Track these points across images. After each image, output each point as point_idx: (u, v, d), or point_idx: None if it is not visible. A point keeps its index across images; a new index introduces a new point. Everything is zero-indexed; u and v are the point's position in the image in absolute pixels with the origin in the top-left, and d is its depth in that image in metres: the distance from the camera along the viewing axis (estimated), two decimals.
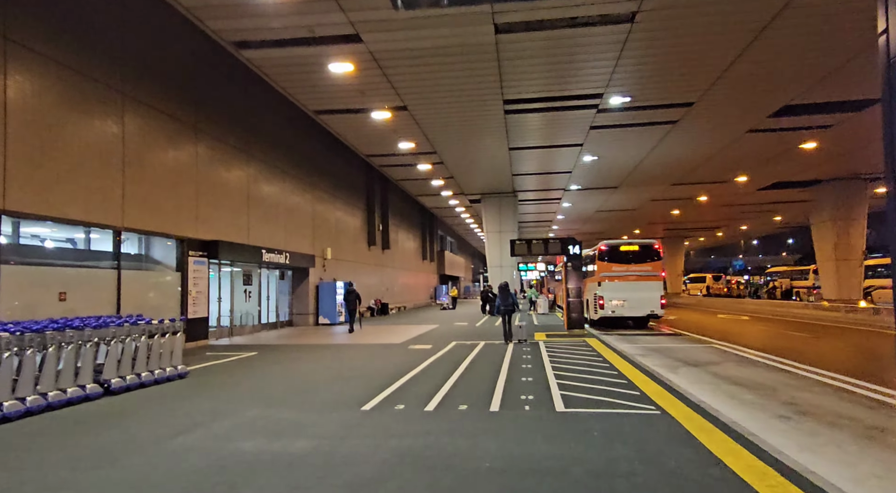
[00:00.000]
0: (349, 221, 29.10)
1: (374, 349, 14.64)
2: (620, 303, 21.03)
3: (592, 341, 15.91)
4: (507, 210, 37.26)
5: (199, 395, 8.37)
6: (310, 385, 9.21)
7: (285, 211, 21.71)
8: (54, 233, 12.77)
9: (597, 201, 42.02)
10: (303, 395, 8.33)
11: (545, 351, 13.47)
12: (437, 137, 22.30)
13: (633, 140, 23.52)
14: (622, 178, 32.03)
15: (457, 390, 8.54)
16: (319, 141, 24.63)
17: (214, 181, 16.94)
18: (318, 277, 24.81)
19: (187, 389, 8.90)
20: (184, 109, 15.55)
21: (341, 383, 9.41)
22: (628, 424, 6.27)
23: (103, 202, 12.50)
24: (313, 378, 9.94)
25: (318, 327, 23.63)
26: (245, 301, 20.76)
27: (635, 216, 51.11)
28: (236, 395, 8.39)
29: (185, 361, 12.50)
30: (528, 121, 20.64)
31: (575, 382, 9.03)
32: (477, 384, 8.99)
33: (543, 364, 11.20)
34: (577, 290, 17.88)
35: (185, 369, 9.96)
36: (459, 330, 20.47)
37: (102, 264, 12.90)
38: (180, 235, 15.30)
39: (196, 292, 15.93)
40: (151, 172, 14.13)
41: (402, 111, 18.94)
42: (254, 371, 10.86)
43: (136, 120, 13.61)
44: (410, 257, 43.41)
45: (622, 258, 21.48)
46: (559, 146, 24.28)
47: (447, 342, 16.01)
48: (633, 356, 12.62)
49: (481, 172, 29.49)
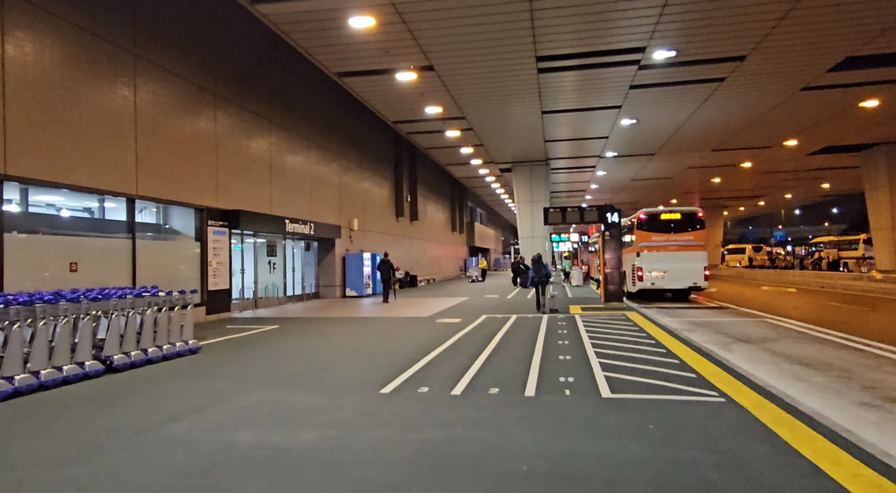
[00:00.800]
0: (377, 192, 28.32)
1: (400, 323, 13.93)
2: (660, 274, 19.90)
3: (632, 314, 14.90)
4: (538, 179, 35.93)
5: (207, 373, 7.74)
6: (328, 363, 8.50)
7: (310, 181, 20.99)
8: (68, 202, 12.27)
9: (632, 169, 40.27)
10: (319, 374, 7.62)
11: (582, 325, 12.54)
12: (465, 100, 21.12)
13: (675, 101, 21.93)
14: (660, 143, 30.33)
15: (487, 369, 7.71)
16: (345, 109, 23.71)
17: (235, 149, 16.24)
18: (345, 248, 24.19)
19: (197, 366, 8.29)
20: (200, 73, 14.78)
21: (362, 360, 8.68)
22: (690, 414, 5.34)
23: (115, 169, 11.90)
24: (332, 355, 9.24)
25: (345, 299, 23.10)
26: (269, 273, 20.28)
27: (671, 185, 49.07)
28: (247, 373, 7.73)
29: (203, 334, 12.02)
30: (563, 81, 19.29)
31: (619, 361, 8.10)
32: (510, 363, 8.15)
33: (582, 340, 10.29)
34: (616, 260, 16.80)
35: (196, 345, 9.37)
36: (490, 303, 19.63)
37: (116, 234, 12.38)
38: (199, 204, 14.71)
39: (217, 263, 15.40)
40: (167, 139, 13.47)
41: (428, 72, 17.82)
42: (271, 346, 10.23)
43: (149, 83, 12.90)
44: (439, 229, 42.58)
45: (663, 227, 20.26)
46: (595, 109, 22.83)
47: (477, 316, 15.20)
48: (678, 331, 11.61)
49: (512, 138, 28.19)
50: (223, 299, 15.75)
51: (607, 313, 15.17)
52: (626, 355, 8.57)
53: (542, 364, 8.00)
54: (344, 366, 8.19)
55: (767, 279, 35.33)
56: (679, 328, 12.41)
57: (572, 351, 9.09)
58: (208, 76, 15.12)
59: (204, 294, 14.89)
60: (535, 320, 13.84)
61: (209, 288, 15.04)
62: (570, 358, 8.44)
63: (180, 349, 8.93)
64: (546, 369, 7.67)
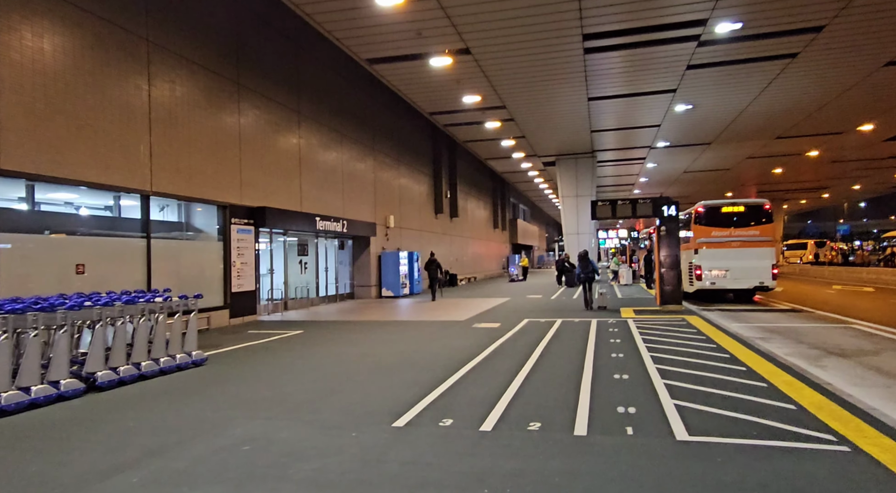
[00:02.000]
0: (414, 188, 27.22)
1: (433, 328, 12.72)
2: (722, 273, 18.08)
3: (693, 318, 13.26)
4: (584, 172, 34.18)
5: (199, 394, 6.70)
6: (342, 380, 7.35)
7: (343, 176, 20.03)
8: (83, 199, 11.57)
9: (685, 161, 37.93)
10: (327, 396, 6.47)
11: (637, 333, 11.03)
12: (505, 87, 19.74)
13: (738, 82, 19.95)
14: (718, 131, 28.13)
15: (527, 392, 6.39)
16: (380, 101, 22.67)
17: (261, 143, 15.37)
18: (381, 246, 23.19)
19: (192, 384, 7.27)
20: (222, 62, 13.93)
21: (382, 376, 7.49)
22: (808, 474, 3.89)
23: (126, 163, 11.10)
24: (351, 369, 8.10)
25: (381, 300, 22.09)
26: (301, 273, 19.43)
27: (727, 177, 46.23)
28: (245, 394, 6.65)
29: (220, 340, 11.11)
30: (612, 62, 17.68)
31: (689, 382, 6.65)
32: (554, 384, 6.80)
33: (639, 352, 8.83)
34: (673, 259, 15.13)
35: (201, 356, 8.38)
36: (532, 304, 18.22)
37: (129, 233, 11.60)
38: (222, 201, 13.87)
39: (241, 264, 14.55)
40: (185, 131, 12.64)
41: (464, 55, 16.55)
42: (286, 357, 9.18)
43: (163, 72, 12.08)
44: (480, 226, 41.24)
45: (724, 221, 18.40)
46: (647, 94, 21.07)
47: (518, 320, 13.85)
48: (752, 341, 9.99)
49: (556, 129, 26.61)
50: (248, 301, 14.90)
51: (664, 318, 13.57)
52: (696, 375, 7.09)
53: (594, 386, 6.62)
54: (359, 385, 7.02)
55: (837, 277, 32.52)
56: (752, 337, 10.76)
57: (629, 367, 7.66)
58: (230, 65, 14.26)
59: (227, 296, 14.06)
60: (582, 325, 12.39)
61: (233, 290, 14.20)
62: (628, 378, 7.03)
63: (181, 362, 7.95)
64: (599, 393, 6.30)
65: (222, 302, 13.94)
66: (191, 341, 8.21)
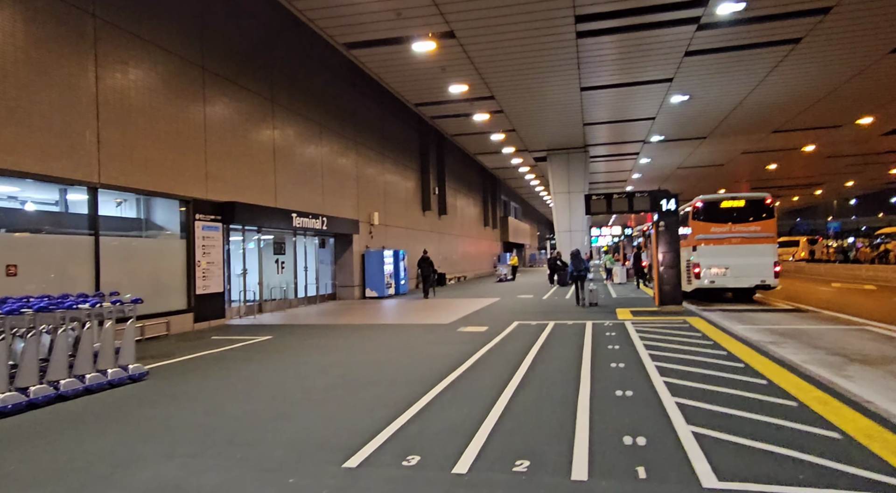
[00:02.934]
0: (400, 184, 26.12)
1: (415, 333, 11.66)
2: (721, 271, 17.19)
3: (695, 320, 12.29)
4: (576, 168, 33.23)
5: (120, 419, 5.61)
6: (297, 399, 6.29)
7: (323, 171, 18.91)
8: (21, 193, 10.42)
9: (679, 156, 37.08)
10: (273, 423, 5.39)
11: (637, 337, 10.03)
12: (493, 75, 18.70)
13: (738, 70, 19.02)
14: (714, 125, 27.25)
15: (513, 417, 5.36)
16: (362, 92, 21.55)
17: (229, 133, 14.23)
18: (364, 245, 22.08)
19: (118, 405, 6.18)
20: (183, 43, 12.77)
21: (345, 395, 6.43)
22: None
23: (69, 152, 9.95)
24: (311, 384, 7.03)
25: (365, 300, 21.00)
26: (278, 273, 18.30)
27: (721, 173, 45.51)
28: (173, 420, 5.57)
29: (175, 348, 10.00)
30: (606, 47, 16.68)
31: (705, 400, 5.63)
32: (546, 405, 5.76)
33: (641, 361, 7.82)
34: (673, 256, 14.16)
35: (140, 370, 7.27)
36: (523, 305, 17.20)
37: (72, 230, 10.45)
38: (184, 195, 12.72)
39: (207, 263, 13.41)
40: (140, 118, 11.49)
41: (449, 40, 15.48)
42: (241, 370, 8.09)
43: (114, 51, 10.91)
44: (470, 224, 40.21)
45: (723, 217, 17.48)
46: (643, 83, 20.10)
47: (507, 322, 12.82)
48: (763, 346, 9.03)
49: (547, 121, 25.61)
50: (216, 303, 13.77)
51: (664, 319, 12.60)
52: (711, 391, 6.08)
53: (594, 407, 5.59)
54: (317, 406, 5.95)
55: (834, 275, 31.79)
56: (762, 341, 9.80)
57: (632, 381, 6.64)
58: (194, 48, 13.12)
59: (191, 299, 12.92)
60: (576, 329, 11.38)
61: (197, 292, 13.06)
62: (632, 395, 6.00)
63: (114, 378, 6.84)
64: (600, 416, 5.27)
65: (185, 305, 12.80)
66: (127, 352, 7.10)
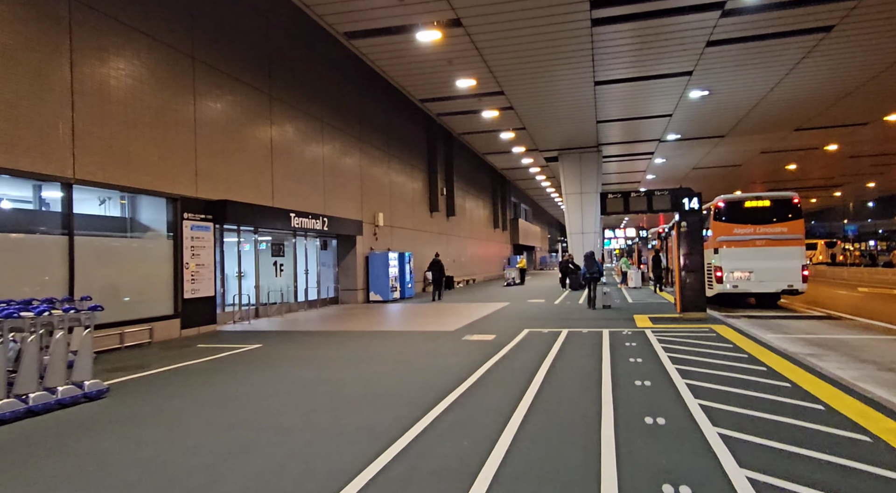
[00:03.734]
0: (407, 184, 25.24)
1: (416, 341, 10.73)
2: (745, 275, 16.17)
3: (721, 328, 11.27)
4: (589, 168, 32.21)
5: (44, 454, 4.71)
6: (268, 426, 5.38)
7: (324, 169, 18.06)
8: None
9: (696, 156, 35.94)
10: (230, 460, 4.48)
11: (661, 349, 9.04)
12: (502, 67, 17.77)
13: (762, 62, 17.95)
14: (734, 122, 26.13)
15: (523, 453, 4.41)
16: (368, 88, 20.70)
17: (222, 128, 13.41)
18: (369, 246, 21.21)
19: (55, 432, 5.29)
20: (171, 31, 11.96)
21: (324, 421, 5.51)
22: None
23: (39, 144, 9.13)
24: (289, 405, 6.12)
25: (369, 304, 20.11)
26: (276, 276, 17.46)
27: (738, 174, 44.24)
28: (110, 455, 4.68)
29: (153, 358, 9.13)
30: (623, 37, 15.70)
31: (754, 432, 4.64)
32: (562, 436, 4.80)
33: (670, 377, 6.83)
34: (697, 260, 13.15)
35: (98, 387, 6.39)
36: (534, 311, 16.21)
37: (42, 230, 9.63)
38: (171, 192, 11.89)
39: (196, 266, 12.57)
40: (121, 110, 10.68)
41: (455, 29, 14.58)
42: (216, 386, 7.20)
43: (90, 37, 10.08)
44: (480, 226, 39.26)
45: (747, 217, 16.48)
46: (660, 77, 19.08)
47: (516, 330, 11.86)
48: (805, 359, 8.02)
49: (559, 119, 24.63)
50: (206, 308, 12.92)
51: (687, 328, 11.58)
52: (760, 419, 5.08)
53: (621, 441, 4.62)
54: (288, 437, 5.03)
55: (857, 279, 30.51)
56: (800, 353, 8.77)
57: (663, 405, 5.66)
58: (183, 37, 12.31)
59: (178, 304, 12.07)
60: (592, 338, 10.39)
61: (185, 296, 12.21)
62: (666, 424, 5.03)
63: (65, 396, 5.96)
64: (629, 456, 4.30)
65: (171, 310, 11.96)
66: (83, 367, 6.23)
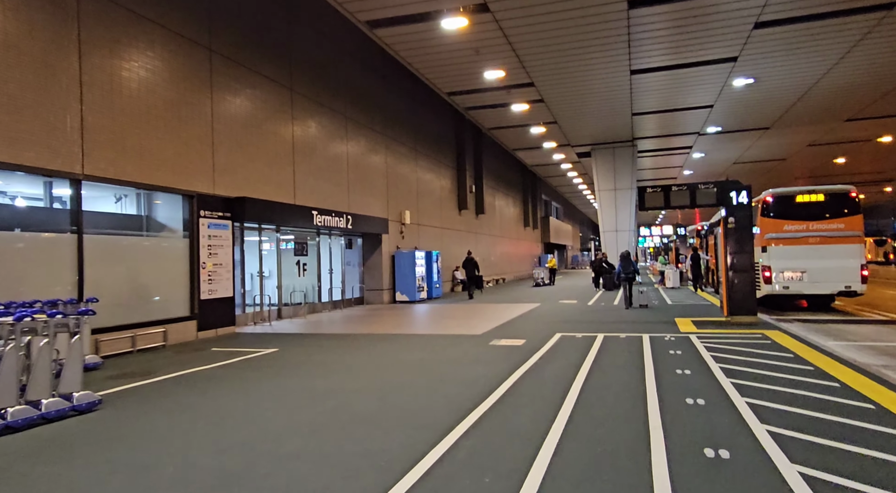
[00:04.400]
0: (434, 181, 24.58)
1: (439, 346, 10.02)
2: (796, 275, 14.98)
3: (776, 335, 10.26)
4: (623, 163, 31.04)
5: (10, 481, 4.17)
6: (260, 451, 4.74)
7: (348, 165, 17.51)
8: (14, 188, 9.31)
9: (736, 150, 34.34)
10: None
11: (710, 358, 8.13)
12: (532, 56, 16.92)
13: (815, 45, 16.67)
14: (780, 112, 24.67)
15: None
16: (393, 82, 20.09)
17: (241, 122, 12.94)
18: (395, 245, 20.62)
19: (24, 453, 4.75)
20: (186, 19, 11.52)
21: (323, 444, 4.83)
22: None
23: (46, 138, 8.73)
24: (289, 424, 5.48)
25: (395, 305, 19.53)
26: (299, 276, 16.98)
27: (782, 169, 42.25)
28: (78, 484, 4.09)
29: (164, 363, 8.63)
30: (662, 20, 14.70)
31: (844, 473, 3.79)
32: (605, 474, 4.02)
33: (727, 395, 5.96)
34: (746, 258, 12.11)
35: (89, 399, 5.86)
36: (566, 312, 15.34)
37: (50, 228, 9.25)
38: (186, 189, 11.44)
39: (213, 265, 12.11)
40: (134, 103, 10.25)
41: (482, 14, 13.82)
42: (219, 397, 6.62)
43: (102, 27, 9.67)
44: (509, 224, 38.36)
45: (799, 213, 15.26)
46: (702, 64, 17.94)
47: (548, 334, 11.04)
48: (882, 373, 7.04)
49: (592, 111, 23.61)
50: (224, 310, 12.45)
51: (737, 333, 10.59)
52: (842, 452, 4.21)
53: (676, 482, 3.81)
54: (278, 465, 4.37)
55: None
56: (874, 365, 7.77)
57: (724, 431, 4.81)
58: (200, 28, 11.85)
59: (194, 305, 11.62)
60: (632, 345, 9.52)
61: (202, 297, 11.76)
62: (732, 457, 4.18)
63: (49, 410, 5.44)
64: None
65: (187, 312, 11.51)
66: (71, 377, 5.70)
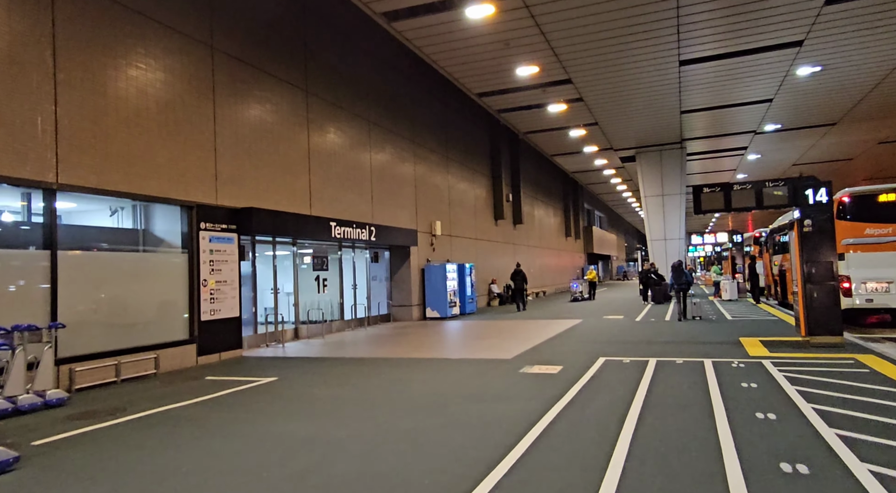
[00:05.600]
0: (468, 190, 23.25)
1: (461, 373, 8.56)
2: (883, 286, 13.09)
3: (870, 359, 8.40)
4: (671, 167, 28.99)
5: None
6: None
7: (372, 174, 16.36)
8: None
9: (797, 150, 31.72)
10: None
11: (797, 394, 6.40)
12: (569, 48, 15.40)
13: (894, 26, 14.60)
14: (849, 106, 22.29)
15: None
16: (420, 84, 18.93)
17: (248, 126, 11.91)
18: (425, 258, 19.33)
19: None
20: (185, 16, 10.57)
21: None
22: None
23: (11, 142, 7.78)
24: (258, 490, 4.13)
25: (425, 322, 18.19)
26: (319, 292, 15.82)
27: (846, 171, 39.09)
28: None
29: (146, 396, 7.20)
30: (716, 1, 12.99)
31: None
32: None
33: (832, 449, 4.28)
34: (827, 268, 10.22)
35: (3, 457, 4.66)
36: (611, 330, 13.61)
37: (18, 243, 8.27)
38: (184, 199, 10.41)
39: (216, 283, 11.01)
40: (120, 103, 9.27)
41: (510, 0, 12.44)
42: (172, 446, 5.36)
43: (78, 17, 8.75)
44: (550, 234, 36.60)
45: (883, 215, 13.38)
46: (762, 50, 16.02)
47: (589, 359, 9.43)
48: None
49: (636, 110, 21.82)
50: (228, 331, 11.32)
51: (821, 358, 8.74)
52: None
53: None
54: None
55: None
56: None
57: None
58: (201, 23, 10.90)
59: (193, 327, 10.52)
60: (692, 373, 7.83)
61: (202, 318, 10.65)
62: None
63: None
64: None
65: (185, 335, 10.42)
66: None
